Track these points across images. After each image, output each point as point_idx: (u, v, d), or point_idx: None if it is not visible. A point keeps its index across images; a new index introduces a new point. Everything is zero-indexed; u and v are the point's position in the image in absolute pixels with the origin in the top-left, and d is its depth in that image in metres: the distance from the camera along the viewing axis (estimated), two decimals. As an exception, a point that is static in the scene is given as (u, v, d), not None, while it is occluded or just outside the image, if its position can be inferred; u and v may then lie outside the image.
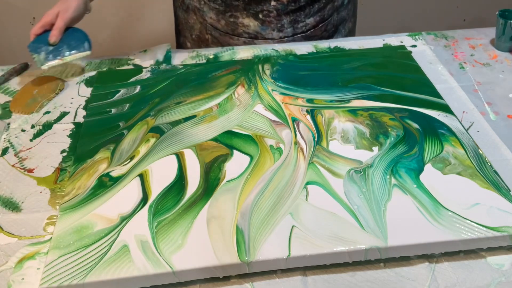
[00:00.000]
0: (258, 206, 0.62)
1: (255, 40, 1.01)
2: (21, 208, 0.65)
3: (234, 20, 0.99)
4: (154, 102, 0.82)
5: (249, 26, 0.99)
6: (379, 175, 0.66)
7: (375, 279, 0.56)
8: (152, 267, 0.55)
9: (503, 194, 0.63)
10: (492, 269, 0.57)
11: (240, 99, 0.81)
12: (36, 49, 0.84)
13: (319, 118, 0.76)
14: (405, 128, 0.74)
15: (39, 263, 0.58)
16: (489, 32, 1.02)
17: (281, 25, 0.99)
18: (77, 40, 0.87)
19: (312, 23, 1.01)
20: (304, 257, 0.56)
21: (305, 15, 0.99)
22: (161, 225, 0.60)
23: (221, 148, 0.71)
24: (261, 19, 0.98)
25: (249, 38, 1.01)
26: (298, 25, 1.00)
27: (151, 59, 0.96)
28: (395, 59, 0.92)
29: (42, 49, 0.84)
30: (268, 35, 1.00)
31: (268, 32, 1.00)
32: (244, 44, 1.01)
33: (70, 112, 0.83)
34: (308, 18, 0.99)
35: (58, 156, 0.74)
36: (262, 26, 0.99)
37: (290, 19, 0.99)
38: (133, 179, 0.66)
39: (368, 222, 0.59)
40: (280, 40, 1.01)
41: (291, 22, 0.99)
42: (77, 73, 0.93)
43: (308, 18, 0.99)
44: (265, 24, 0.99)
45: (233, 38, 1.01)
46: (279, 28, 0.99)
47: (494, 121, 0.78)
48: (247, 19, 0.98)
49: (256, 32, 0.99)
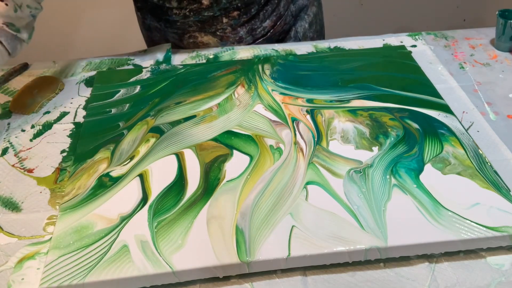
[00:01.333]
0: (258, 206, 0.62)
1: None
2: (21, 208, 0.65)
3: (194, 40, 1.01)
4: (154, 102, 0.82)
5: (209, 44, 1.02)
6: (379, 175, 0.66)
7: (375, 279, 0.56)
8: (152, 267, 0.55)
9: (503, 194, 0.63)
10: (492, 269, 0.57)
11: (240, 99, 0.81)
12: None
13: (319, 118, 0.76)
14: (405, 128, 0.74)
15: (39, 263, 0.58)
16: (489, 32, 1.02)
17: (239, 37, 1.01)
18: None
19: (270, 24, 1.01)
20: (304, 257, 0.56)
21: (260, 21, 1.00)
22: (161, 225, 0.60)
23: (221, 148, 0.71)
24: (219, 35, 1.00)
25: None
26: (256, 32, 1.01)
27: (151, 59, 0.96)
28: (395, 59, 0.92)
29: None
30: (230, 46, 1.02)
31: (229, 45, 1.02)
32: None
33: (70, 112, 0.83)
34: (264, 22, 1.00)
35: (58, 156, 0.74)
36: (221, 41, 1.01)
37: (247, 29, 1.00)
38: (133, 179, 0.66)
39: (368, 222, 0.59)
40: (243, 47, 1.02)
41: (249, 31, 1.00)
42: (77, 73, 0.93)
43: (264, 22, 1.00)
44: (224, 40, 1.01)
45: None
46: (238, 40, 1.01)
47: (494, 121, 0.78)
48: (206, 37, 1.00)
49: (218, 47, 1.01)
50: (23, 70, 0.94)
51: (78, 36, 1.62)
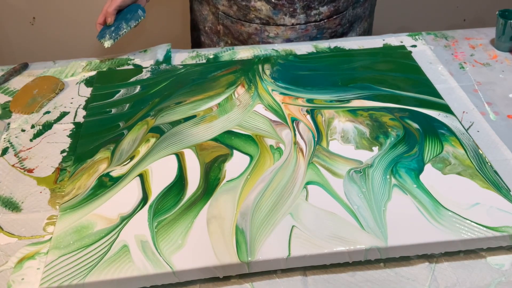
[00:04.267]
0: (258, 206, 0.62)
1: (267, 27, 1.00)
2: (21, 208, 0.65)
3: (246, 3, 0.98)
4: (154, 102, 0.82)
5: (261, 10, 0.98)
6: (379, 175, 0.66)
7: (375, 279, 0.56)
8: (152, 267, 0.55)
9: (503, 194, 0.63)
10: (492, 269, 0.57)
11: (240, 99, 0.81)
12: (101, 36, 0.97)
13: (319, 118, 0.76)
14: (405, 128, 0.74)
15: (39, 263, 0.58)
16: (489, 32, 1.02)
17: (293, 9, 0.98)
18: (131, 12, 0.98)
19: (326, 13, 1.00)
20: (304, 257, 0.56)
21: (318, 2, 0.98)
22: (161, 225, 0.60)
23: (221, 148, 0.71)
24: (273, 3, 0.97)
25: (261, 24, 1.00)
26: (311, 12, 0.99)
27: (151, 59, 0.96)
28: (395, 59, 0.92)
29: (106, 33, 0.96)
30: (280, 20, 0.99)
31: (280, 17, 0.99)
32: (256, 31, 1.00)
33: (70, 112, 0.83)
34: (322, 6, 0.98)
35: (58, 156, 0.74)
36: (274, 10, 0.98)
37: (303, 4, 0.97)
38: (133, 179, 0.66)
39: (368, 222, 0.59)
40: (292, 27, 1.00)
41: (304, 8, 0.98)
42: (77, 73, 0.93)
43: (322, 6, 0.98)
44: (277, 8, 0.98)
45: (244, 24, 1.01)
46: (291, 13, 0.98)
47: (494, 121, 0.78)
48: (259, 3, 0.97)
49: (268, 17, 0.99)
50: (23, 70, 0.94)
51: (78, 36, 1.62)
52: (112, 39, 0.95)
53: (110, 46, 0.96)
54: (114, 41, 0.96)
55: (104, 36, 0.96)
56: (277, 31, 1.00)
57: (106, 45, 0.95)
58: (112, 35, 0.96)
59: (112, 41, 0.95)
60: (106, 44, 0.95)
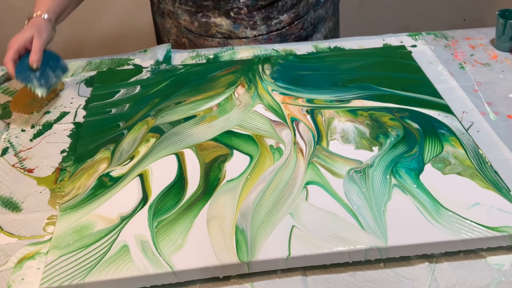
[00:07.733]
0: (258, 206, 0.62)
1: (229, 40, 1.00)
2: (21, 208, 0.65)
3: (206, 20, 0.98)
4: (154, 102, 0.82)
5: (221, 26, 0.98)
6: (379, 175, 0.66)
7: (375, 279, 0.56)
8: (152, 267, 0.55)
9: (503, 194, 0.63)
10: (492, 269, 0.57)
11: (240, 99, 0.81)
12: (26, 79, 0.80)
13: (319, 118, 0.76)
14: (405, 128, 0.74)
15: (39, 263, 0.58)
16: (489, 32, 1.02)
17: (253, 22, 0.97)
18: (52, 58, 0.83)
19: (287, 20, 0.99)
20: (304, 257, 0.56)
21: (277, 12, 0.98)
22: (161, 225, 0.60)
23: (221, 148, 0.71)
24: (233, 17, 0.97)
25: (223, 39, 1.00)
26: (271, 22, 0.99)
27: (151, 59, 0.96)
28: (395, 59, 0.92)
29: (31, 77, 0.80)
30: (242, 33, 0.99)
31: (241, 31, 0.98)
32: (219, 45, 1.01)
33: (70, 112, 0.83)
34: (282, 15, 0.98)
35: (58, 156, 0.74)
36: (234, 24, 0.98)
37: (263, 16, 0.97)
38: (133, 179, 0.66)
39: (368, 222, 0.59)
40: (255, 38, 1.00)
41: (264, 19, 0.98)
42: (77, 73, 0.93)
43: (282, 15, 0.98)
44: (237, 22, 0.98)
45: (207, 39, 1.01)
46: (251, 26, 0.98)
47: (494, 121, 0.78)
48: (219, 18, 0.97)
49: (229, 31, 0.99)
50: (23, 70, 0.94)
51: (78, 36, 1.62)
52: (45, 88, 0.80)
53: (44, 96, 0.80)
54: (48, 91, 0.80)
55: (31, 81, 0.79)
56: (240, 43, 1.00)
57: (40, 94, 0.79)
58: (42, 82, 0.80)
59: (46, 91, 0.80)
60: (39, 93, 0.79)
